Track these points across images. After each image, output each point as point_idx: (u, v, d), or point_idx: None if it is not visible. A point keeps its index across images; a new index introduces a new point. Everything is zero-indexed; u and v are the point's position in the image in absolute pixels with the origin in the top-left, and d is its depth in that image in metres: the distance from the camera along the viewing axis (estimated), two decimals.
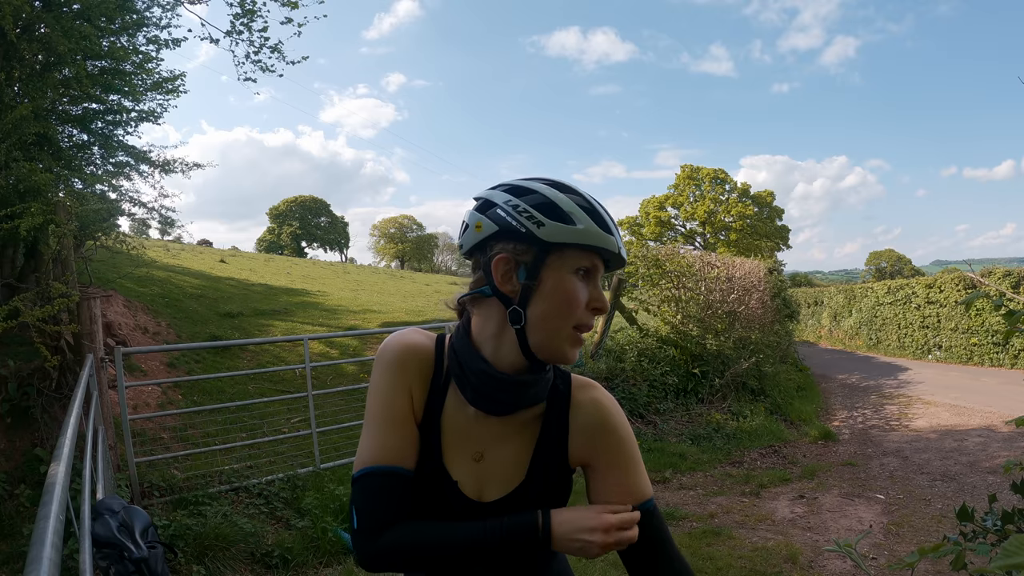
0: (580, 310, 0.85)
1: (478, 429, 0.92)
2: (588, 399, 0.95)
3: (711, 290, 8.25)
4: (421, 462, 0.91)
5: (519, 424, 0.93)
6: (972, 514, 1.40)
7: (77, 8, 4.99)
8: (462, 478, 0.91)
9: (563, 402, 0.95)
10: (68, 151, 5.42)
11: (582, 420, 0.94)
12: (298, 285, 13.91)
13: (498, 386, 0.87)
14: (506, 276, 0.86)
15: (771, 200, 39.45)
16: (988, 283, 2.07)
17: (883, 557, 3.68)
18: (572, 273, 0.85)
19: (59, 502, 1.26)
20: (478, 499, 0.91)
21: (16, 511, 3.63)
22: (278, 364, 6.79)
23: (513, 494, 0.91)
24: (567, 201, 0.85)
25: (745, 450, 6.26)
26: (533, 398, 0.90)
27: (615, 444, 0.93)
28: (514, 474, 0.92)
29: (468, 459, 0.91)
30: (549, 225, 0.83)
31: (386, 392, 0.90)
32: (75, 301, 4.11)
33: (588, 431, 0.93)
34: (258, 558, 3.57)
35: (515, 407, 0.90)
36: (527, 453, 0.93)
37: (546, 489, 0.92)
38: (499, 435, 0.92)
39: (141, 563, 2.49)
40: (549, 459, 0.93)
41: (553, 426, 0.94)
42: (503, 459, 0.92)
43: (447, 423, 0.92)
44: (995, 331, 12.00)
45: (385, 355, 0.92)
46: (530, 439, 0.93)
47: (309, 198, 55.34)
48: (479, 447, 0.92)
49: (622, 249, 0.88)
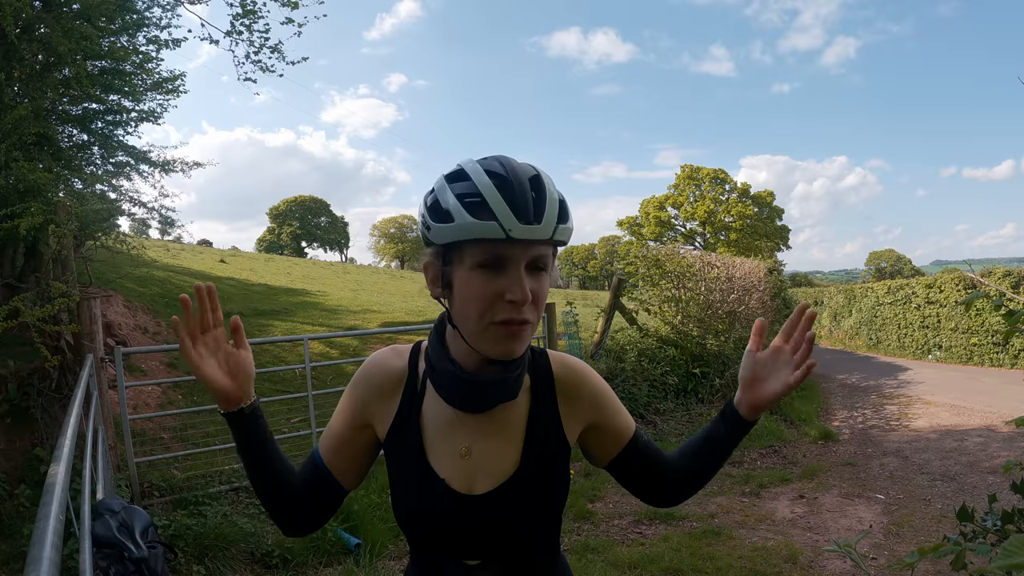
0: (490, 306, 0.82)
1: (462, 425, 0.92)
2: (570, 370, 0.98)
3: (711, 290, 8.25)
4: (406, 460, 0.93)
5: (505, 415, 0.93)
6: (972, 514, 1.40)
7: (77, 8, 4.99)
8: (450, 474, 0.91)
9: (548, 383, 0.96)
10: (68, 151, 5.42)
11: (571, 392, 0.97)
12: (298, 285, 13.91)
13: (464, 386, 0.88)
14: (433, 280, 0.89)
15: (771, 200, 39.49)
16: (988, 283, 2.07)
17: (883, 557, 3.68)
18: (472, 270, 0.82)
19: (59, 502, 1.26)
20: (468, 493, 0.90)
21: (16, 511, 3.64)
22: (278, 364, 6.79)
23: (506, 484, 0.91)
24: (450, 197, 0.81)
25: (745, 450, 6.25)
26: (503, 395, 0.89)
27: (602, 396, 0.99)
28: (506, 464, 0.92)
29: (454, 455, 0.91)
30: (434, 228, 0.83)
31: (341, 401, 0.99)
32: (75, 301, 4.11)
33: (579, 399, 0.97)
34: (258, 558, 3.57)
35: (487, 405, 0.90)
36: (518, 442, 0.93)
37: (543, 474, 0.92)
38: (484, 428, 0.92)
39: (141, 563, 2.49)
40: (544, 443, 0.93)
41: (543, 410, 0.95)
42: (492, 451, 0.92)
43: (428, 423, 0.93)
44: (995, 331, 11.99)
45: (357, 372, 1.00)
46: (519, 428, 0.93)
47: (309, 198, 55.38)
48: (464, 442, 0.91)
49: (516, 230, 0.79)
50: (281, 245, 50.76)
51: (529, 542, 0.93)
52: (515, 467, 0.91)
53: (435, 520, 0.91)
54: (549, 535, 0.97)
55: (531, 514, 0.91)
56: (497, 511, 0.90)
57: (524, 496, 0.91)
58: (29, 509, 3.60)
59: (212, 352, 0.91)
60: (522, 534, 0.92)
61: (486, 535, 0.91)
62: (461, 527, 0.91)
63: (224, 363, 0.91)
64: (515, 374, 0.89)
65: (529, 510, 0.91)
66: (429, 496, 0.91)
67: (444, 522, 0.91)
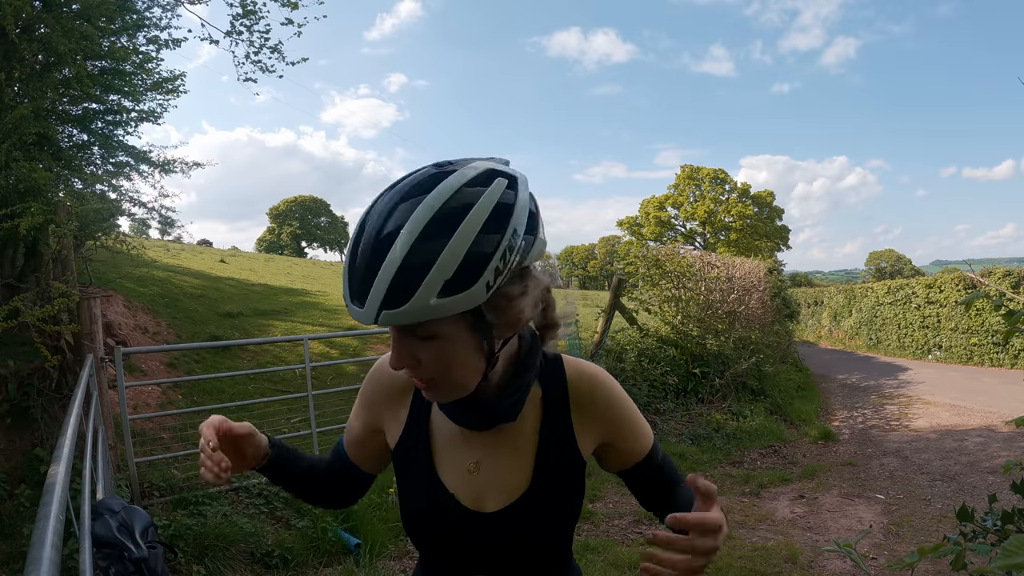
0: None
1: (470, 440, 0.88)
2: (587, 380, 0.90)
3: (711, 290, 8.25)
4: (415, 472, 0.91)
5: (514, 430, 0.88)
6: (972, 514, 1.40)
7: (77, 8, 4.99)
8: (459, 489, 0.88)
9: (561, 394, 0.89)
10: (68, 151, 5.42)
11: (584, 405, 0.89)
12: (298, 285, 13.91)
13: (457, 404, 0.83)
14: None
15: (771, 200, 39.48)
16: (988, 283, 2.07)
17: (883, 557, 3.68)
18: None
19: (59, 502, 1.26)
20: (478, 510, 0.87)
21: (16, 511, 3.63)
22: (278, 364, 6.79)
23: (517, 503, 0.86)
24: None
25: (745, 450, 6.25)
26: (503, 416, 0.84)
27: (618, 414, 0.91)
28: (516, 482, 0.87)
29: (463, 470, 0.88)
30: None
31: (356, 402, 1.00)
32: (75, 301, 4.11)
33: (597, 410, 0.89)
34: (258, 558, 3.57)
35: (487, 424, 0.85)
36: (529, 458, 0.87)
37: (556, 492, 0.87)
38: (492, 444, 0.88)
39: (141, 563, 2.49)
40: (557, 459, 0.88)
41: (555, 424, 0.89)
42: (501, 468, 0.87)
43: (437, 434, 0.91)
44: (995, 331, 11.99)
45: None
46: (530, 443, 0.88)
47: (309, 198, 55.40)
48: (473, 458, 0.88)
49: (349, 307, 0.70)
50: (281, 245, 50.77)
51: (543, 557, 0.89)
52: (527, 484, 0.87)
53: (444, 536, 0.89)
54: (563, 548, 0.93)
55: (544, 532, 0.87)
56: (508, 529, 0.86)
57: (537, 515, 0.86)
58: (29, 509, 3.59)
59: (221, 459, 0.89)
60: (534, 551, 0.88)
61: (496, 552, 0.87)
62: (470, 544, 0.88)
63: (233, 455, 0.91)
64: (511, 399, 0.83)
65: (542, 529, 0.87)
66: (439, 511, 0.88)
67: (453, 539, 0.88)
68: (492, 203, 0.68)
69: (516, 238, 0.69)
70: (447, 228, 0.65)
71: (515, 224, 0.69)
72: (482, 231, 0.66)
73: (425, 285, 0.65)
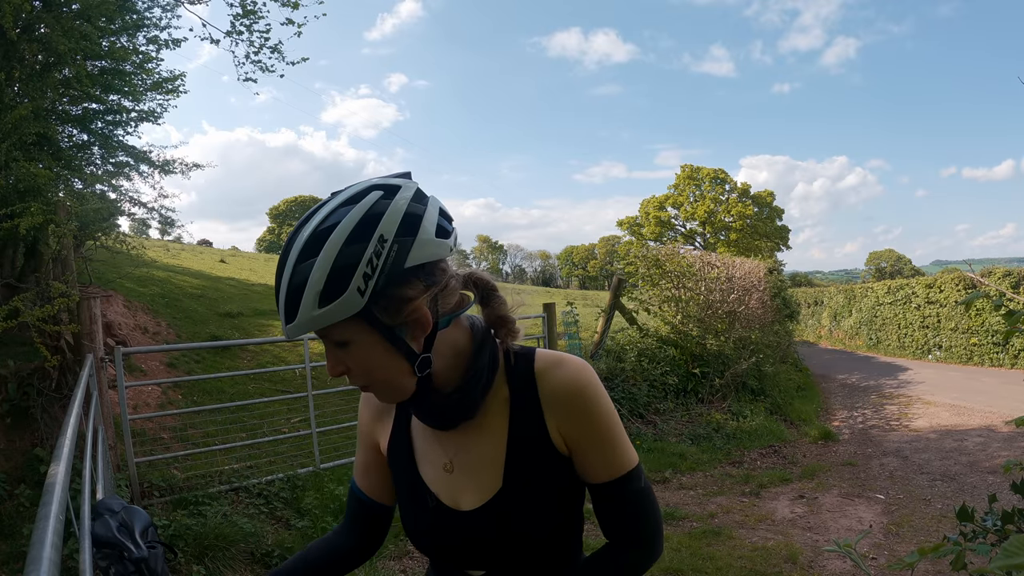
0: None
1: (442, 440, 0.91)
2: (557, 380, 0.86)
3: (711, 290, 8.25)
4: (402, 475, 0.95)
5: (481, 428, 0.88)
6: (972, 514, 1.40)
7: (77, 8, 4.99)
8: (438, 488, 0.90)
9: (530, 390, 0.87)
10: (68, 151, 5.43)
11: (554, 403, 0.86)
12: None
13: (418, 407, 0.87)
14: None
15: (771, 200, 39.48)
16: (988, 283, 2.07)
17: (883, 557, 3.68)
18: None
19: (59, 502, 1.26)
20: (456, 508, 0.89)
21: (16, 511, 3.63)
22: (278, 364, 6.80)
23: (491, 502, 0.87)
24: None
25: (745, 450, 6.26)
26: (459, 414, 0.86)
27: (589, 423, 0.85)
28: (490, 481, 0.87)
29: (439, 469, 0.91)
30: None
31: (357, 436, 1.03)
32: (75, 301, 4.11)
33: (563, 413, 0.85)
34: (258, 558, 3.57)
35: (447, 423, 0.87)
36: (499, 456, 0.87)
37: (532, 489, 0.86)
38: (464, 444, 0.89)
39: (141, 563, 2.48)
40: (529, 456, 0.86)
41: (525, 420, 0.86)
42: (474, 466, 0.88)
43: (417, 435, 0.94)
44: (995, 331, 11.99)
45: None
46: (500, 441, 0.87)
47: (310, 198, 55.43)
48: (446, 457, 0.90)
49: (288, 327, 0.76)
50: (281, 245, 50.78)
51: (535, 552, 0.88)
52: (500, 483, 0.86)
53: (429, 534, 0.91)
54: (560, 545, 0.91)
55: (525, 529, 0.86)
56: (485, 528, 0.86)
57: (512, 513, 0.86)
58: (29, 509, 3.59)
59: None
60: (519, 548, 0.87)
61: (480, 550, 0.88)
62: (453, 541, 0.89)
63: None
64: (462, 396, 0.84)
65: (521, 527, 0.86)
66: (424, 510, 0.91)
67: (437, 536, 0.90)
68: (357, 217, 0.74)
69: (383, 244, 0.74)
70: (317, 248, 0.74)
71: (382, 231, 0.74)
72: (346, 244, 0.73)
73: (304, 299, 0.74)
